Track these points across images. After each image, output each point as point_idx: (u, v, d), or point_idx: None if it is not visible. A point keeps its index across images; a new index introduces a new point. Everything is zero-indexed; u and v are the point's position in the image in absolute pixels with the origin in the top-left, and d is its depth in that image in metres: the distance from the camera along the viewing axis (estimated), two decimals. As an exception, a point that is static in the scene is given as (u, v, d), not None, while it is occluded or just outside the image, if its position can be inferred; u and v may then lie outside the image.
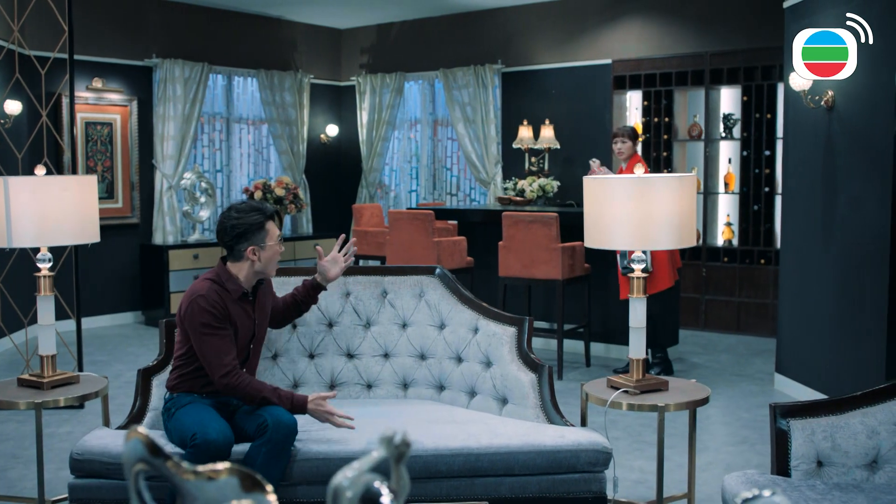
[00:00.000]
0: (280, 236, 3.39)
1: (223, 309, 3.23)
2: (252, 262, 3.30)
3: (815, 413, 2.93)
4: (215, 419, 3.15)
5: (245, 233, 3.27)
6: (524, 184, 8.79)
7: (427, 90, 10.27)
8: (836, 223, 5.26)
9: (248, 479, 0.91)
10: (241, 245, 3.28)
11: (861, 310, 5.01)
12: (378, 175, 10.55)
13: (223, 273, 3.32)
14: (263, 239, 3.29)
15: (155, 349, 7.44)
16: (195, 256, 8.54)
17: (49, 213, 3.44)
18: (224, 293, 3.27)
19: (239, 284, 3.31)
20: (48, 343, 3.61)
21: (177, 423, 3.21)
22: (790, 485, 2.80)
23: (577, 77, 9.04)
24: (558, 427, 3.41)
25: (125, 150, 8.63)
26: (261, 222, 3.29)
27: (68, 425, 5.17)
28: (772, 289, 7.76)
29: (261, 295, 3.43)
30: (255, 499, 0.90)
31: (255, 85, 9.86)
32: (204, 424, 3.08)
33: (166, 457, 0.90)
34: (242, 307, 3.33)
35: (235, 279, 3.31)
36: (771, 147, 7.82)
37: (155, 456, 0.90)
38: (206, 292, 3.24)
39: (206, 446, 3.02)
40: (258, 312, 3.41)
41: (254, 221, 3.28)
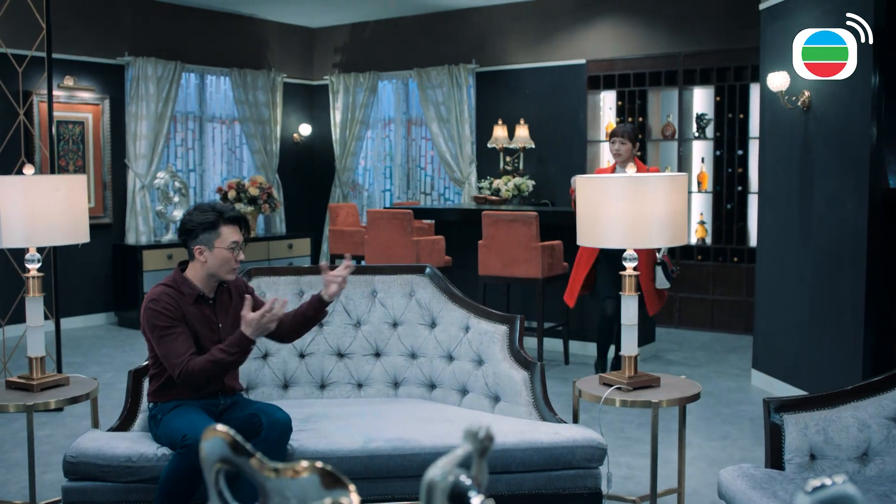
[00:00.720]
0: (237, 243, 3.27)
1: (175, 310, 3.19)
2: (202, 263, 3.25)
3: (808, 407, 2.99)
4: (205, 419, 3.13)
5: (194, 230, 3.24)
6: (500, 183, 8.84)
7: (401, 89, 10.27)
8: (813, 221, 5.36)
9: (329, 476, 0.92)
10: (190, 243, 3.25)
11: (838, 306, 5.11)
12: (351, 174, 10.53)
13: (178, 277, 3.29)
14: (213, 240, 3.23)
15: (130, 350, 7.37)
16: (169, 256, 8.46)
17: (40, 212, 3.40)
18: (178, 296, 3.23)
19: (193, 287, 3.26)
20: (37, 345, 3.57)
21: (165, 428, 3.17)
22: (785, 478, 2.86)
23: (552, 77, 9.10)
24: (553, 424, 3.44)
25: (97, 149, 8.52)
26: (212, 222, 3.23)
27: (48, 428, 5.10)
28: (745, 286, 7.88)
29: (223, 298, 3.36)
30: (337, 495, 0.91)
31: (227, 84, 9.79)
32: (194, 424, 3.06)
33: (250, 454, 0.91)
34: (200, 310, 3.27)
35: (189, 282, 3.27)
36: (743, 146, 7.94)
37: (238, 454, 0.90)
38: (158, 296, 3.21)
39: (196, 447, 2.96)
40: (221, 315, 3.34)
41: (205, 220, 3.23)
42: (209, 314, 3.30)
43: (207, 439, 0.91)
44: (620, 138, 5.56)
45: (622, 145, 5.55)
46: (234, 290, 3.41)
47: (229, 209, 3.31)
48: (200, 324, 3.26)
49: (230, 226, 3.26)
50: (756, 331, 6.07)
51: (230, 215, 3.28)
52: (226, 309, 3.37)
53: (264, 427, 3.12)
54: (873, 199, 4.76)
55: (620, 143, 5.55)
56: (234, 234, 3.27)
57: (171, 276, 3.33)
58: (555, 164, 9.13)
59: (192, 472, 2.97)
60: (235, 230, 3.28)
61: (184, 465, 2.98)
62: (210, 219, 3.23)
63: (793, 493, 2.70)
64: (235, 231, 3.28)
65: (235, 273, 3.34)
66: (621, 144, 5.55)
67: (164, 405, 3.24)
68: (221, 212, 3.26)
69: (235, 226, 3.28)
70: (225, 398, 3.33)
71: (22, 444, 4.83)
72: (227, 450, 0.90)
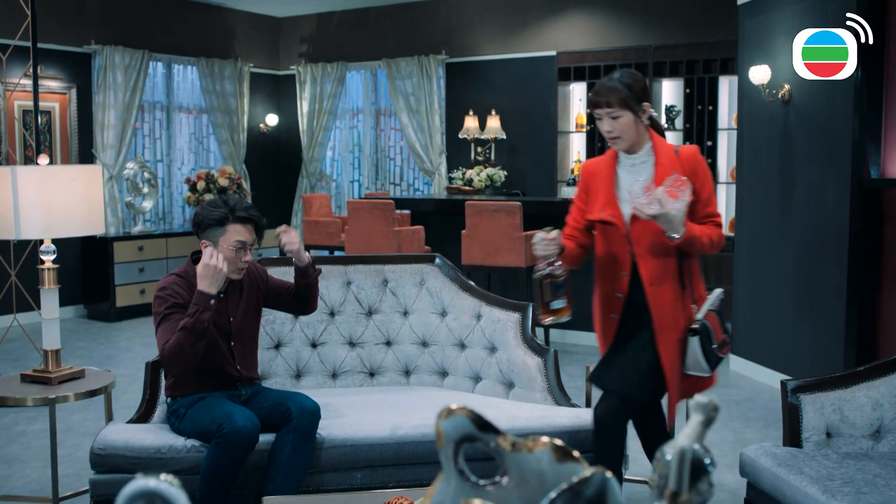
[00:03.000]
0: (244, 244, 3.17)
1: (179, 297, 3.15)
2: None
3: (825, 388, 3.12)
4: (237, 407, 3.11)
5: (201, 223, 3.19)
6: (472, 173, 8.90)
7: (370, 80, 10.26)
8: (793, 211, 5.54)
9: (560, 450, 0.98)
10: (199, 235, 3.22)
11: (820, 294, 5.29)
12: (319, 165, 10.49)
13: (189, 269, 3.24)
14: (218, 238, 3.15)
15: (106, 343, 7.28)
16: (140, 248, 8.35)
17: (57, 203, 3.36)
18: (188, 286, 3.19)
19: None
20: (52, 337, 3.53)
21: (192, 423, 3.14)
22: (805, 455, 2.99)
23: (522, 68, 9.19)
24: (571, 409, 3.53)
25: (64, 139, 8.36)
26: (219, 219, 3.15)
27: (39, 422, 5.03)
28: (714, 274, 8.07)
29: (234, 291, 3.31)
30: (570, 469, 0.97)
31: (195, 73, 9.68)
32: (228, 414, 3.03)
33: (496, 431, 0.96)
34: None
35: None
36: (713, 138, 8.13)
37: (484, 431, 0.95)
38: (167, 285, 3.19)
39: (234, 435, 2.98)
40: (233, 308, 3.29)
41: (213, 216, 3.16)
42: (220, 309, 3.23)
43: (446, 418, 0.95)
44: (608, 109, 2.94)
45: (614, 120, 2.94)
46: (246, 282, 3.38)
47: (242, 207, 3.20)
48: None
49: (239, 225, 3.16)
50: (735, 317, 6.24)
51: (240, 214, 3.17)
52: (238, 301, 3.33)
53: (294, 415, 3.13)
54: (855, 189, 4.94)
55: (610, 117, 2.94)
56: (242, 234, 3.17)
57: (183, 266, 3.30)
58: (525, 155, 9.23)
59: (233, 460, 2.98)
60: (244, 230, 3.18)
61: (224, 454, 2.98)
62: (217, 215, 3.16)
63: (817, 470, 2.83)
64: (244, 231, 3.18)
65: (241, 273, 3.25)
66: (612, 119, 2.94)
67: (186, 399, 3.22)
68: (232, 209, 3.17)
69: (245, 225, 3.18)
70: (245, 388, 3.33)
71: (15, 439, 4.76)
72: (472, 427, 0.95)
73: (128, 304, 8.20)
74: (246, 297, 3.36)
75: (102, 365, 6.20)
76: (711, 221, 2.98)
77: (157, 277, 8.43)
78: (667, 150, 2.99)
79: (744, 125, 6.12)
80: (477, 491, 0.96)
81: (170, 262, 8.54)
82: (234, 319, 3.29)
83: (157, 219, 9.40)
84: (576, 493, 0.89)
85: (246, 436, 3.01)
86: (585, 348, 6.82)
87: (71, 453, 4.43)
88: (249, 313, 3.38)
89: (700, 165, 2.99)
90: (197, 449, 3.12)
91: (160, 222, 9.45)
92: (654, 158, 2.99)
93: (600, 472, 0.92)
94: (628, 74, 2.99)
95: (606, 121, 2.95)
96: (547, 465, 0.98)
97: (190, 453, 3.13)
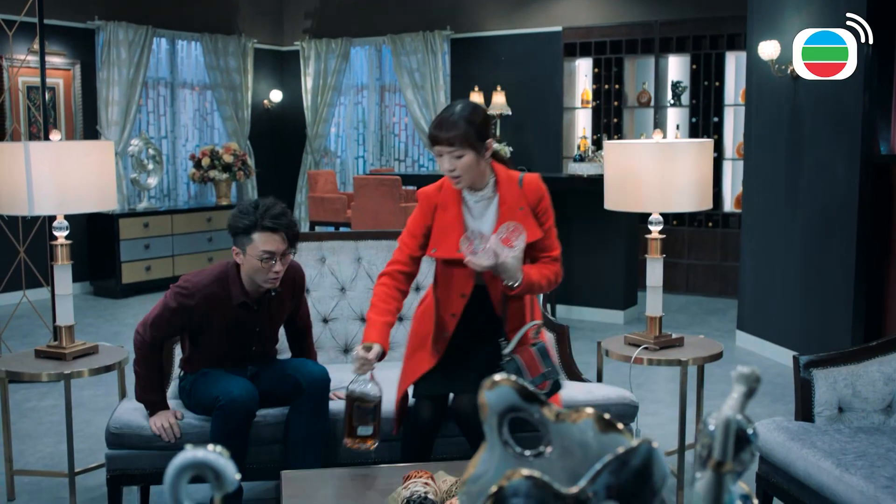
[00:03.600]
0: (272, 254, 2.98)
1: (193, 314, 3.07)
2: (242, 265, 3.07)
3: (837, 363, 3.14)
4: (234, 379, 3.09)
5: (231, 228, 3.07)
6: (477, 150, 8.88)
7: (374, 56, 10.22)
8: (801, 186, 5.53)
9: (603, 421, 0.99)
10: (233, 241, 3.09)
11: (826, 270, 5.30)
12: (323, 141, 10.47)
13: (232, 274, 3.09)
14: (245, 246, 3.01)
15: (113, 320, 7.30)
16: (145, 225, 8.35)
17: (70, 179, 3.35)
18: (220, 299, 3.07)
19: (241, 291, 3.08)
20: (66, 313, 3.54)
21: (195, 396, 3.16)
22: (818, 429, 3.00)
23: (527, 44, 9.15)
24: (584, 384, 3.54)
25: (69, 115, 8.34)
26: (245, 228, 2.99)
27: (50, 398, 5.06)
28: (719, 250, 8.09)
29: (272, 306, 3.18)
30: (613, 439, 0.98)
31: (199, 49, 9.64)
32: (225, 385, 3.03)
33: (541, 402, 0.97)
34: (240, 314, 3.12)
35: (240, 284, 3.09)
36: (719, 114, 8.11)
37: (529, 402, 0.96)
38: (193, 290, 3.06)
39: (232, 405, 2.97)
40: (264, 316, 3.19)
41: (240, 225, 3.01)
42: (250, 317, 3.14)
43: (491, 389, 0.96)
44: (449, 147, 2.80)
45: (456, 159, 2.81)
46: (287, 292, 3.22)
47: (271, 215, 2.98)
48: (234, 326, 3.13)
49: (266, 233, 2.97)
50: (741, 293, 6.26)
51: (266, 224, 2.96)
52: (268, 314, 3.20)
53: (304, 387, 3.11)
54: (865, 165, 4.93)
55: (453, 157, 2.81)
56: (269, 244, 2.97)
57: (226, 268, 3.12)
58: (531, 131, 9.21)
59: (233, 430, 2.98)
60: (273, 239, 2.98)
61: (224, 424, 2.99)
62: (243, 224, 3.00)
63: (830, 444, 2.84)
64: (273, 240, 2.98)
65: (274, 283, 3.07)
66: (454, 158, 2.81)
67: (192, 376, 3.22)
68: (260, 217, 2.98)
69: (274, 234, 2.98)
70: (253, 366, 3.28)
71: (26, 415, 4.79)
72: (517, 398, 0.96)
73: (134, 281, 8.21)
74: (279, 310, 3.24)
75: (110, 342, 6.21)
76: (549, 257, 2.97)
77: (163, 254, 8.45)
78: (511, 185, 2.92)
79: (752, 101, 6.10)
80: (522, 461, 0.96)
81: (175, 238, 8.54)
82: (261, 330, 3.20)
83: (161, 195, 9.40)
84: (623, 463, 0.90)
85: (242, 405, 3.00)
86: (591, 324, 6.84)
87: (83, 429, 4.45)
88: (277, 321, 3.28)
89: (544, 194, 2.95)
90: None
91: (165, 199, 9.45)
92: (498, 196, 2.93)
93: (647, 443, 0.93)
94: (471, 109, 2.86)
95: (447, 159, 2.82)
96: (590, 436, 0.98)
97: (204, 429, 3.14)
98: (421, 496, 2.21)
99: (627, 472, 0.90)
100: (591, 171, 7.30)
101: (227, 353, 3.22)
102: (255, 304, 3.13)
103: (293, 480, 2.68)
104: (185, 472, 0.90)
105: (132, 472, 3.18)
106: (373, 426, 2.66)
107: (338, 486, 2.69)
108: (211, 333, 3.15)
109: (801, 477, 2.84)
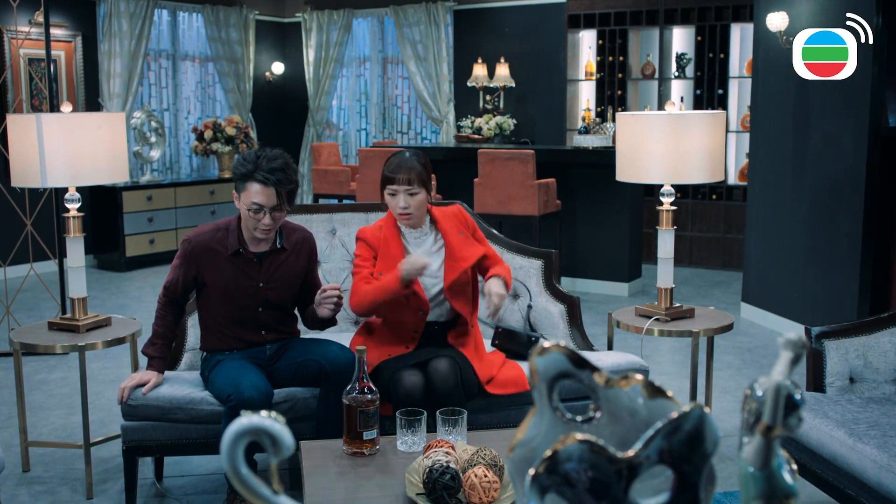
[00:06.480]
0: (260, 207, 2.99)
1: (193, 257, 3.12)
2: None
3: (848, 334, 3.16)
4: (247, 375, 3.02)
5: (232, 171, 3.10)
6: (481, 122, 8.86)
7: (377, 27, 10.16)
8: (809, 158, 5.53)
9: (650, 386, 1.00)
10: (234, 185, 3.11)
11: (835, 242, 5.31)
12: (325, 114, 10.44)
13: (232, 224, 3.15)
14: (241, 192, 3.03)
15: (118, 293, 7.31)
16: (149, 198, 8.34)
17: (83, 151, 3.35)
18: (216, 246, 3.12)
19: (237, 239, 3.11)
20: (79, 285, 3.54)
21: (212, 387, 3.14)
22: (829, 399, 3.03)
23: (531, 16, 9.10)
24: (594, 352, 3.56)
25: (70, 88, 8.30)
26: (242, 175, 3.01)
27: (59, 371, 5.08)
28: (723, 223, 8.10)
29: (273, 263, 3.17)
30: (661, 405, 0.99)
31: (200, 21, 9.57)
32: (236, 383, 2.97)
33: (593, 368, 0.98)
34: (237, 265, 3.13)
35: (237, 233, 3.12)
36: (723, 86, 8.08)
37: (580, 367, 0.97)
38: (195, 237, 3.15)
39: (242, 406, 2.91)
40: (264, 273, 3.16)
41: (239, 170, 3.03)
42: (250, 271, 3.14)
43: (543, 355, 0.97)
44: (407, 186, 3.14)
45: (411, 196, 3.15)
46: (289, 247, 3.21)
47: (268, 168, 2.98)
48: (233, 279, 3.12)
49: (259, 185, 2.97)
50: (746, 265, 6.27)
51: (260, 177, 2.97)
52: (269, 269, 3.17)
53: (330, 375, 3.06)
54: (872, 138, 4.93)
55: (408, 194, 3.15)
56: (260, 196, 2.98)
57: (230, 219, 3.17)
58: (535, 104, 9.18)
59: None
60: (265, 192, 2.98)
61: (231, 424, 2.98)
62: (242, 170, 3.01)
63: (842, 414, 2.87)
64: (265, 193, 2.98)
65: (266, 235, 3.09)
66: (409, 195, 3.15)
67: (212, 357, 3.21)
68: (257, 167, 2.98)
69: (266, 187, 2.97)
70: (272, 346, 3.26)
71: (37, 387, 4.81)
72: (568, 363, 0.97)
73: (138, 254, 8.22)
74: (283, 270, 3.21)
75: (117, 315, 6.23)
76: (497, 264, 3.31)
77: (167, 227, 8.45)
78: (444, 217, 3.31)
79: (759, 73, 6.08)
80: (572, 426, 0.98)
81: (178, 211, 8.54)
82: (263, 286, 3.17)
83: (164, 168, 9.38)
84: (675, 427, 0.91)
85: (252, 407, 2.91)
86: (596, 296, 6.86)
87: (94, 401, 4.47)
88: (282, 282, 3.21)
89: (469, 219, 3.39)
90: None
91: (167, 172, 9.43)
92: (437, 229, 3.30)
93: (699, 408, 0.94)
94: (421, 154, 3.26)
95: (403, 196, 3.14)
96: (639, 402, 1.00)
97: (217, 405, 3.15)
98: (443, 465, 2.23)
99: (680, 436, 0.91)
100: (596, 144, 7.30)
101: (236, 315, 3.18)
102: (253, 257, 3.14)
103: (313, 451, 2.70)
104: (241, 438, 0.92)
105: (147, 443, 3.19)
106: (376, 428, 2.67)
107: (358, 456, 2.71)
108: (215, 288, 3.14)
109: (813, 446, 2.87)
